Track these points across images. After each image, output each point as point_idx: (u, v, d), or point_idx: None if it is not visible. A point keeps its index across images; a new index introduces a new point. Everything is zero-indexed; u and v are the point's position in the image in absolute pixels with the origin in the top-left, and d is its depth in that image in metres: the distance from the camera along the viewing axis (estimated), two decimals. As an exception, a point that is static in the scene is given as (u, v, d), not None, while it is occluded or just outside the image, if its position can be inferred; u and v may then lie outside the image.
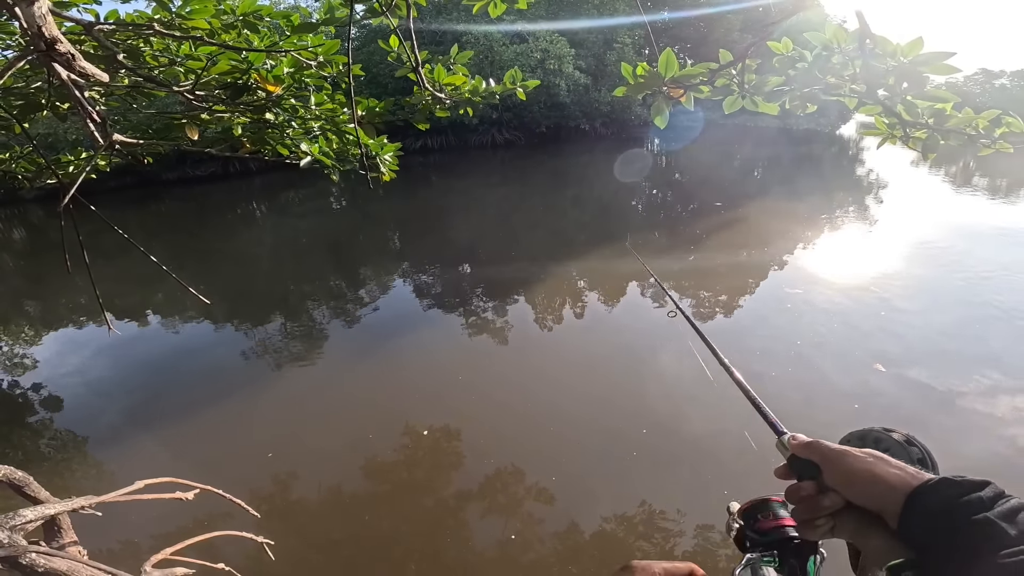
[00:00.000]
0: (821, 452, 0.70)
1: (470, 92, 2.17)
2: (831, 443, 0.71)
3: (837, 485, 0.66)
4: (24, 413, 5.82)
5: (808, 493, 0.68)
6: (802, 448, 0.73)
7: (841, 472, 0.66)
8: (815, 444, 0.71)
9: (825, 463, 0.68)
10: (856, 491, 0.65)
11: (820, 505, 0.67)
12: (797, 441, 0.74)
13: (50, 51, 1.38)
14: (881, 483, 0.62)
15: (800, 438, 0.75)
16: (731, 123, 35.09)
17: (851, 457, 0.66)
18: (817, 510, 0.67)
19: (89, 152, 2.98)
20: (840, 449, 0.69)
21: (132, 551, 3.66)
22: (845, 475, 0.66)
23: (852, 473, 0.65)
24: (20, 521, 1.41)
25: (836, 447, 0.69)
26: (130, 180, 22.97)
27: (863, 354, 5.75)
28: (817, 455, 0.70)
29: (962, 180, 17.35)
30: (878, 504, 0.63)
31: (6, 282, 12.26)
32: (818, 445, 0.71)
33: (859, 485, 0.64)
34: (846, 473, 0.66)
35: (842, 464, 0.66)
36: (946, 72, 1.30)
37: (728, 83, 1.60)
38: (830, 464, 0.68)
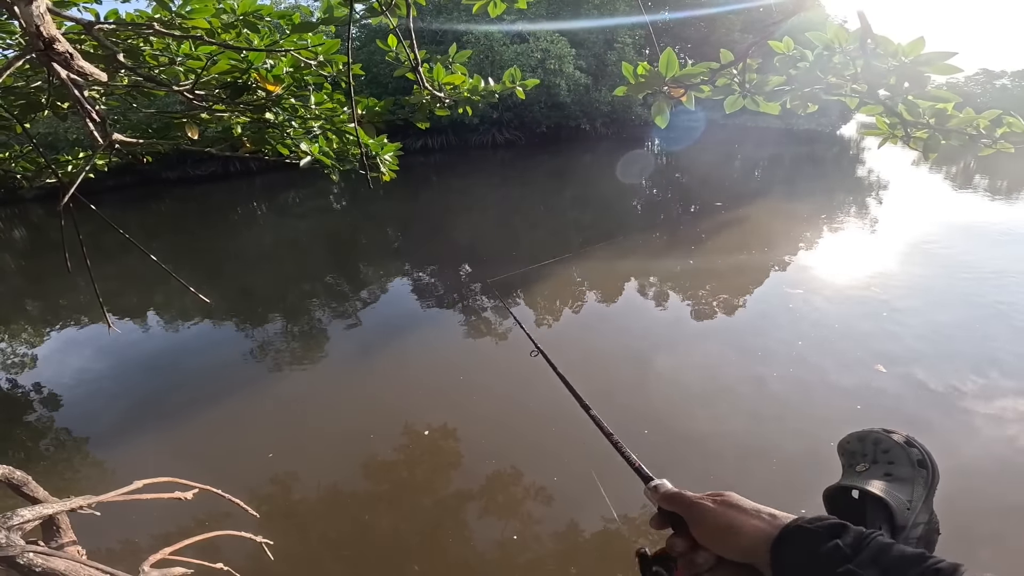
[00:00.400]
0: (682, 505, 0.67)
1: (469, 91, 2.16)
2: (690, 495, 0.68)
3: (702, 540, 0.64)
4: (24, 412, 5.83)
5: (681, 550, 0.65)
6: (665, 500, 0.70)
7: (701, 527, 0.64)
8: (676, 497, 0.68)
9: (686, 517, 0.66)
10: (720, 547, 0.62)
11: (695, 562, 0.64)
12: (660, 492, 0.71)
13: (48, 50, 1.37)
14: (741, 537, 0.60)
15: (664, 487, 0.72)
16: (732, 123, 35.04)
17: (705, 510, 0.64)
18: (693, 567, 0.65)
19: (88, 151, 2.98)
20: (694, 502, 0.66)
21: (131, 551, 3.65)
22: (706, 530, 0.63)
23: (711, 528, 0.63)
24: (18, 521, 1.41)
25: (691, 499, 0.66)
26: (130, 179, 22.95)
27: (864, 354, 5.75)
28: (680, 508, 0.67)
29: (963, 180, 17.33)
30: (746, 557, 0.60)
31: (7, 281, 12.26)
32: (679, 497, 0.68)
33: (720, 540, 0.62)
34: (706, 528, 0.63)
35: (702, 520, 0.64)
36: (947, 72, 1.30)
37: (729, 83, 1.60)
38: (690, 518, 0.65)
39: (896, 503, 0.77)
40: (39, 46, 1.37)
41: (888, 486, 0.81)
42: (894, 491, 0.80)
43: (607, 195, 16.67)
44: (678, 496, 0.68)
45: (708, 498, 0.66)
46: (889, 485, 0.81)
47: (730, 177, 19.29)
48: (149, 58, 2.18)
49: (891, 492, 0.79)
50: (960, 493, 3.75)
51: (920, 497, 0.80)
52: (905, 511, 0.77)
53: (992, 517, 3.65)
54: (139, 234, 14.56)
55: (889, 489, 0.80)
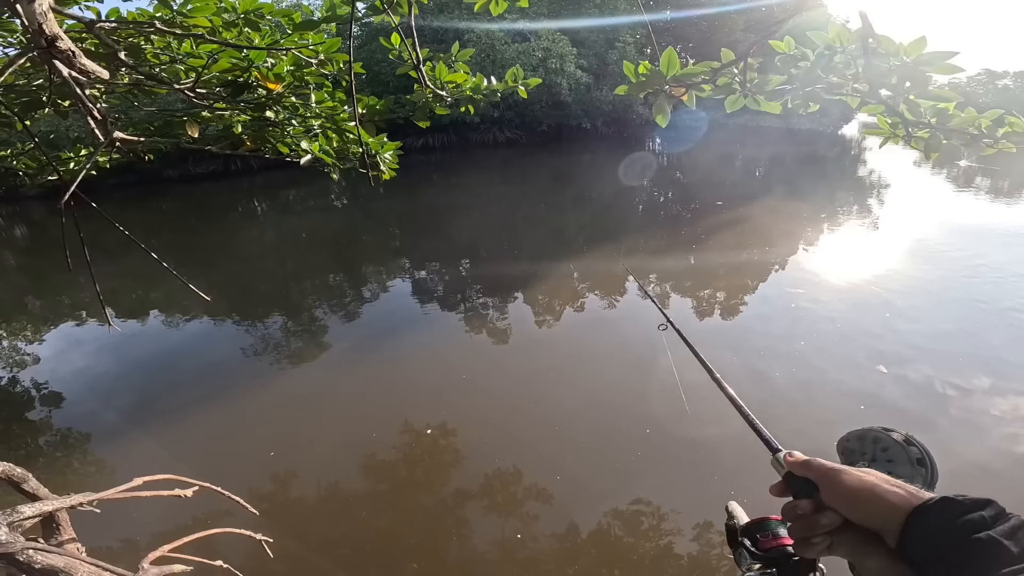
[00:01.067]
0: (818, 470, 0.69)
1: (471, 90, 2.16)
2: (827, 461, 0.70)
3: (835, 503, 0.66)
4: (24, 409, 5.83)
5: (805, 511, 0.68)
6: (798, 466, 0.72)
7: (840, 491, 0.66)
8: (812, 462, 0.71)
9: (823, 482, 0.68)
10: (856, 509, 0.64)
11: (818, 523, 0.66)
12: (793, 459, 0.74)
13: (51, 48, 1.38)
14: (881, 502, 0.62)
15: (796, 456, 0.74)
16: (733, 123, 35.06)
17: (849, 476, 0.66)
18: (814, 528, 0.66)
19: (89, 149, 2.98)
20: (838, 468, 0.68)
21: (131, 548, 3.66)
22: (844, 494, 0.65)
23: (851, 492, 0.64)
24: (18, 517, 1.41)
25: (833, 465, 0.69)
26: (132, 177, 22.95)
27: (866, 355, 5.74)
28: (814, 473, 0.70)
29: (964, 180, 17.31)
30: (877, 523, 0.62)
31: (8, 279, 12.27)
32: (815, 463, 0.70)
33: (859, 504, 0.64)
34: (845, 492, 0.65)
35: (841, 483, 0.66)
36: (949, 72, 1.30)
37: (730, 82, 1.60)
38: (828, 483, 0.67)
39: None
40: (41, 44, 1.37)
41: None
42: None
43: (608, 194, 16.67)
44: (814, 462, 0.71)
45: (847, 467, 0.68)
46: None
47: (731, 177, 19.29)
48: (150, 56, 2.18)
49: None
50: (963, 492, 3.75)
51: None
52: None
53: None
54: (140, 232, 14.56)
55: None
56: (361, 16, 1.77)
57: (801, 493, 0.70)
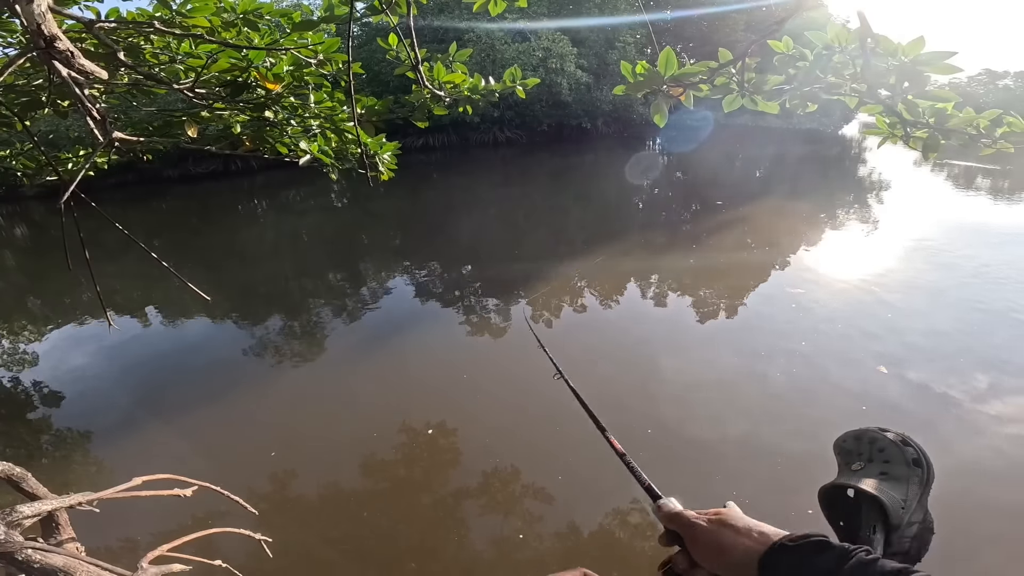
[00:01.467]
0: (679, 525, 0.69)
1: (470, 90, 2.16)
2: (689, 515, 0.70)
3: (697, 559, 0.66)
4: (24, 409, 5.84)
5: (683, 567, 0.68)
6: (666, 520, 0.72)
7: (696, 547, 0.66)
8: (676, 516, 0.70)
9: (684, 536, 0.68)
10: (713, 565, 0.64)
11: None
12: (663, 511, 0.73)
13: (49, 48, 1.38)
14: (729, 556, 0.62)
15: (668, 506, 0.74)
16: (733, 123, 35.03)
17: (699, 530, 0.66)
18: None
19: (89, 149, 2.99)
20: (691, 523, 0.68)
21: (130, 548, 3.66)
22: (699, 550, 0.65)
23: (704, 547, 0.65)
24: (17, 517, 1.41)
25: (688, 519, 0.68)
26: (132, 177, 23.00)
27: (866, 355, 5.74)
28: (676, 527, 0.69)
29: (965, 180, 17.30)
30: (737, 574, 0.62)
31: (8, 279, 12.28)
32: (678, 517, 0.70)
33: (713, 559, 0.64)
34: (700, 548, 0.65)
35: (694, 538, 0.66)
36: (947, 72, 1.30)
37: (728, 82, 1.60)
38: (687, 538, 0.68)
39: (891, 502, 0.77)
40: (40, 44, 1.37)
41: (883, 485, 0.81)
42: (889, 490, 0.80)
43: (608, 194, 16.67)
44: (678, 516, 0.70)
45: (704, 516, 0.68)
46: (884, 484, 0.81)
47: (731, 176, 19.29)
48: (150, 56, 2.18)
49: (886, 491, 0.79)
50: (962, 493, 3.76)
51: (915, 496, 0.80)
52: (900, 510, 0.77)
53: (994, 518, 3.65)
54: (140, 232, 14.57)
55: (884, 488, 0.80)
56: (360, 16, 1.77)
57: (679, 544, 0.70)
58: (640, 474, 0.87)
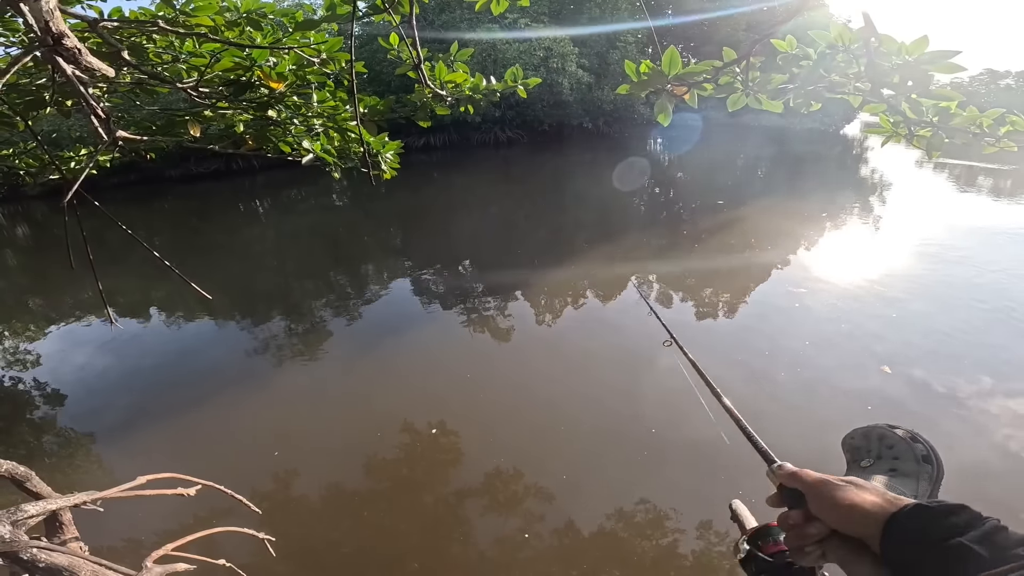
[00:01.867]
0: (804, 482, 0.72)
1: (471, 90, 2.17)
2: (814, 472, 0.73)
3: (820, 513, 0.68)
4: (28, 409, 5.85)
5: (795, 522, 0.71)
6: (787, 478, 0.75)
7: (822, 501, 0.68)
8: (799, 474, 0.74)
9: (809, 493, 0.71)
10: (837, 519, 0.67)
11: (807, 533, 0.69)
12: (784, 471, 0.76)
13: (57, 46, 1.38)
14: (859, 511, 0.64)
15: (787, 467, 0.77)
16: (735, 122, 35.03)
17: (831, 486, 0.68)
18: (805, 538, 0.69)
19: (92, 148, 2.99)
20: (821, 478, 0.71)
21: (134, 547, 3.67)
22: (826, 504, 0.68)
23: (832, 502, 0.67)
24: (22, 516, 1.42)
25: (817, 477, 0.71)
26: (134, 177, 23.04)
27: (870, 355, 5.73)
28: (800, 484, 0.72)
29: (967, 180, 17.27)
30: (860, 531, 0.64)
31: (10, 278, 12.30)
32: (803, 475, 0.73)
33: (839, 513, 0.66)
34: (827, 502, 0.68)
35: (822, 493, 0.69)
36: (951, 71, 1.30)
37: (732, 81, 1.60)
38: (812, 493, 0.70)
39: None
40: (48, 41, 1.37)
41: (893, 481, 0.81)
42: (898, 486, 0.80)
43: (610, 194, 16.65)
44: (803, 473, 0.73)
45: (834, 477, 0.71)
46: (894, 480, 0.81)
47: (732, 176, 19.27)
48: (153, 55, 2.19)
49: (896, 487, 0.79)
50: (967, 494, 3.75)
51: (925, 492, 0.80)
52: None
53: (999, 515, 3.64)
54: (142, 231, 14.59)
55: (894, 484, 0.80)
56: (362, 15, 1.77)
57: (793, 504, 0.73)
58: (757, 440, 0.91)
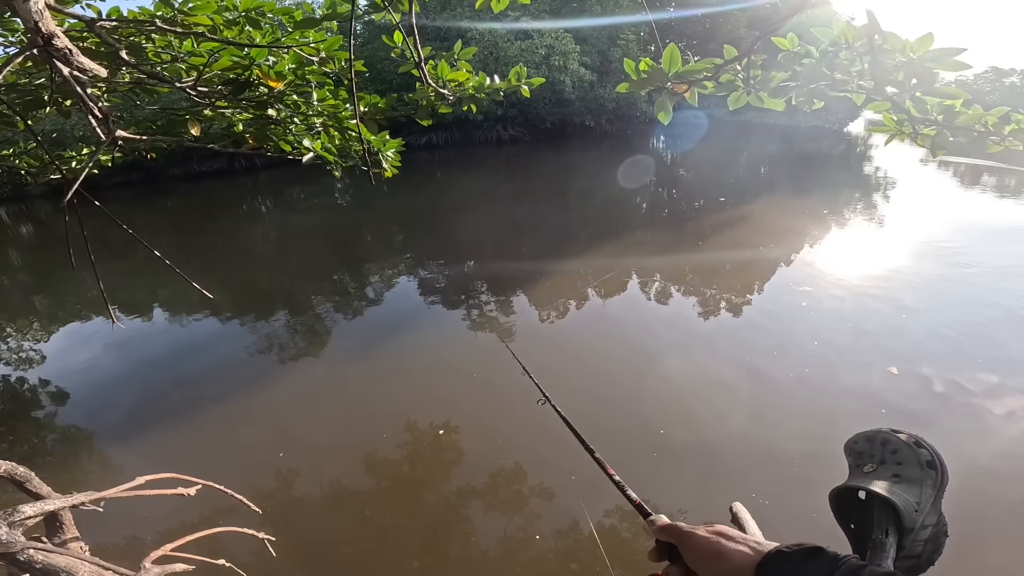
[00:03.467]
0: (674, 535, 0.72)
1: (474, 88, 2.15)
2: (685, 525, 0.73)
3: (693, 566, 0.69)
4: (29, 408, 5.86)
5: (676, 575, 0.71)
6: (660, 531, 0.75)
7: (692, 555, 0.69)
8: (670, 528, 0.73)
9: (680, 545, 0.71)
10: (709, 571, 0.67)
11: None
12: (656, 526, 0.76)
13: (48, 46, 1.37)
14: (727, 562, 0.65)
15: (660, 520, 0.77)
16: (737, 120, 34.89)
17: (697, 539, 0.69)
18: None
19: (91, 148, 2.99)
20: (689, 532, 0.71)
21: (133, 547, 3.67)
22: (698, 556, 0.68)
23: (702, 555, 0.67)
24: (19, 517, 1.41)
25: (687, 529, 0.71)
26: (136, 176, 23.10)
27: (877, 356, 5.69)
28: (672, 538, 0.72)
29: (971, 178, 17.19)
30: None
31: (13, 277, 12.33)
32: (672, 529, 0.73)
33: (709, 566, 0.66)
34: (697, 555, 0.68)
35: (692, 547, 0.69)
36: (956, 68, 1.28)
37: (733, 79, 1.58)
38: (683, 546, 0.70)
39: (904, 504, 0.76)
40: (38, 42, 1.37)
41: (896, 487, 0.80)
42: (902, 492, 0.79)
43: (612, 192, 16.61)
44: (673, 527, 0.73)
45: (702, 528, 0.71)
46: (897, 486, 0.80)
47: (735, 174, 19.21)
48: (152, 55, 2.18)
49: (899, 493, 0.78)
50: (974, 495, 3.73)
51: (928, 499, 0.79)
52: (913, 513, 0.76)
53: (1005, 518, 3.62)
54: (144, 230, 14.61)
55: (897, 490, 0.79)
56: (362, 13, 1.76)
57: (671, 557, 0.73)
58: (631, 494, 0.90)
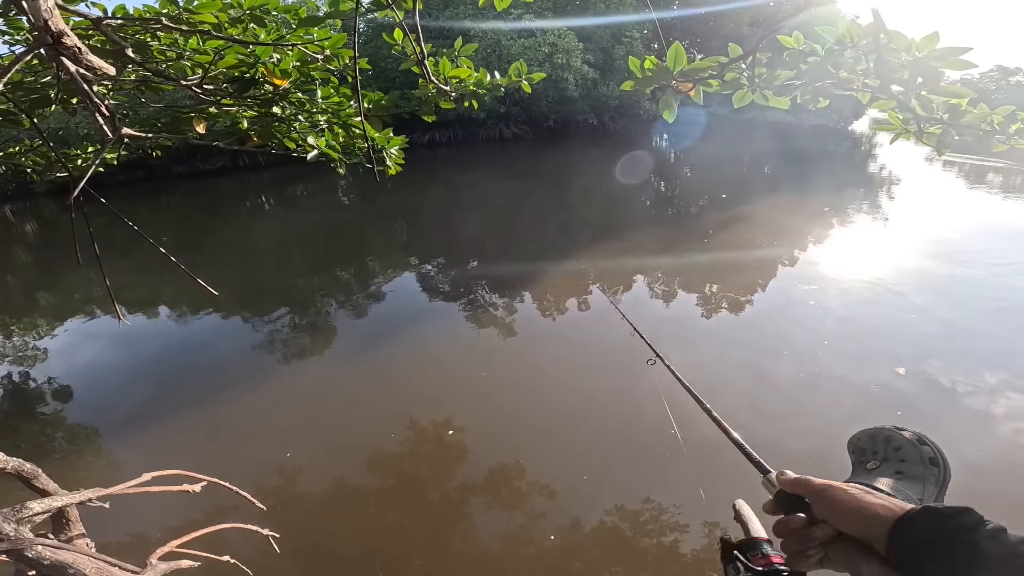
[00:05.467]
0: (809, 487, 0.74)
1: (475, 85, 2.15)
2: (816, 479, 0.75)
3: (827, 517, 0.70)
4: (35, 405, 5.89)
5: (798, 526, 0.72)
6: (790, 484, 0.77)
7: (831, 504, 0.70)
8: (802, 480, 0.76)
9: (814, 498, 0.73)
10: (845, 520, 0.68)
11: (812, 536, 0.70)
12: (785, 477, 0.79)
13: (57, 44, 1.38)
14: (868, 511, 0.66)
15: (788, 474, 0.79)
16: (740, 118, 34.76)
17: (837, 490, 0.71)
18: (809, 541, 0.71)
19: (98, 145, 3.00)
20: (826, 483, 0.73)
21: (139, 543, 3.69)
22: (835, 507, 0.69)
23: (842, 504, 0.69)
24: (27, 514, 1.42)
25: (823, 481, 0.74)
26: (141, 174, 23.12)
27: (883, 356, 5.66)
28: (805, 490, 0.74)
29: (976, 177, 17.10)
30: (867, 533, 0.66)
31: (19, 274, 12.38)
32: (807, 481, 0.75)
33: (847, 515, 0.68)
34: (836, 505, 0.69)
35: (831, 497, 0.70)
36: (961, 67, 1.28)
37: (738, 77, 1.58)
38: (819, 498, 0.72)
39: (906, 501, 0.76)
40: (47, 40, 1.37)
41: (899, 484, 0.80)
42: (905, 489, 0.79)
43: (616, 190, 16.59)
44: (804, 480, 0.76)
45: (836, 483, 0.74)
46: (900, 483, 0.80)
47: (738, 172, 19.16)
48: (157, 53, 2.18)
49: (902, 490, 0.78)
50: (984, 495, 3.72)
51: (931, 495, 0.79)
52: None
53: (1012, 517, 3.61)
54: (149, 227, 14.57)
55: (900, 487, 0.79)
56: (366, 11, 1.76)
57: (793, 510, 0.75)
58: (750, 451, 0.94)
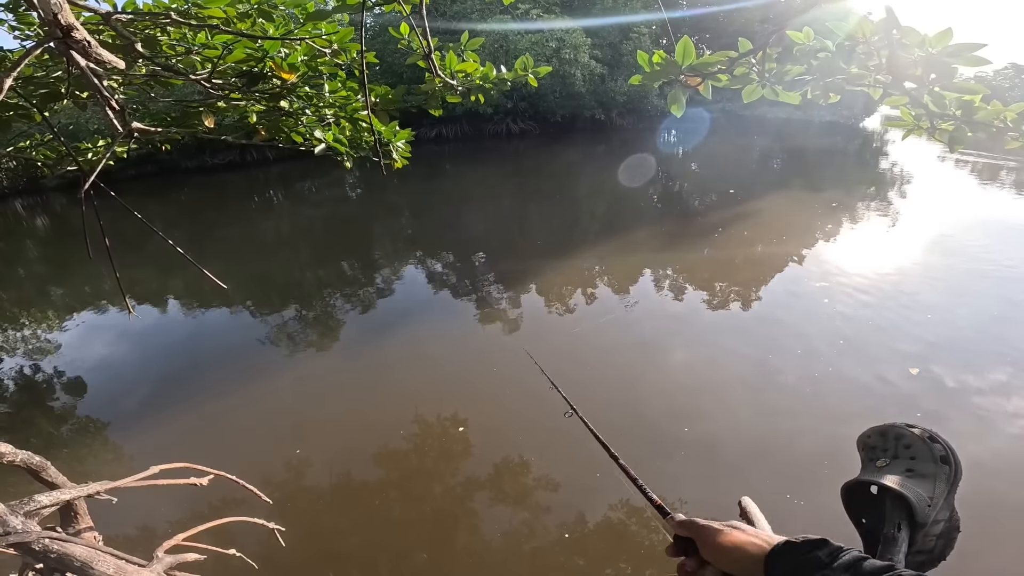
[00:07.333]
0: (693, 530, 0.77)
1: (482, 79, 2.15)
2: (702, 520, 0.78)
3: (709, 557, 0.74)
4: (45, 397, 5.95)
5: (690, 569, 0.76)
6: (678, 527, 0.80)
7: (710, 547, 0.74)
8: (687, 523, 0.79)
9: (697, 539, 0.76)
10: (724, 561, 0.72)
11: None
12: (674, 521, 0.82)
13: (67, 39, 1.38)
14: (741, 551, 0.70)
15: (677, 517, 0.82)
16: (750, 114, 34.49)
17: (714, 532, 0.74)
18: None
19: (107, 140, 3.02)
20: (706, 525, 0.76)
21: (146, 536, 3.73)
22: (713, 549, 0.73)
23: (719, 546, 0.73)
24: (35, 507, 1.44)
25: (705, 524, 0.77)
26: (151, 168, 23.26)
27: (896, 355, 5.61)
28: (690, 532, 0.77)
29: (989, 175, 16.89)
30: (747, 570, 0.69)
31: (30, 268, 12.50)
32: (691, 524, 0.78)
33: (725, 555, 0.72)
34: (714, 546, 0.73)
35: (711, 540, 0.74)
36: (975, 64, 1.26)
37: (747, 72, 1.56)
38: (700, 540, 0.75)
39: (917, 499, 0.76)
40: (57, 34, 1.38)
41: (909, 482, 0.79)
42: (915, 487, 0.78)
43: (623, 186, 16.52)
44: (690, 523, 0.78)
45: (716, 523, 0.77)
46: (910, 481, 0.79)
47: (747, 169, 19.02)
48: (166, 47, 2.19)
49: (912, 488, 0.78)
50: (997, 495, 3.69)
51: (942, 493, 0.78)
52: (926, 508, 0.76)
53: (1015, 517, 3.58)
54: (159, 221, 14.72)
55: (910, 485, 0.78)
56: (373, 5, 1.76)
57: (688, 552, 0.77)
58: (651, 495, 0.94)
